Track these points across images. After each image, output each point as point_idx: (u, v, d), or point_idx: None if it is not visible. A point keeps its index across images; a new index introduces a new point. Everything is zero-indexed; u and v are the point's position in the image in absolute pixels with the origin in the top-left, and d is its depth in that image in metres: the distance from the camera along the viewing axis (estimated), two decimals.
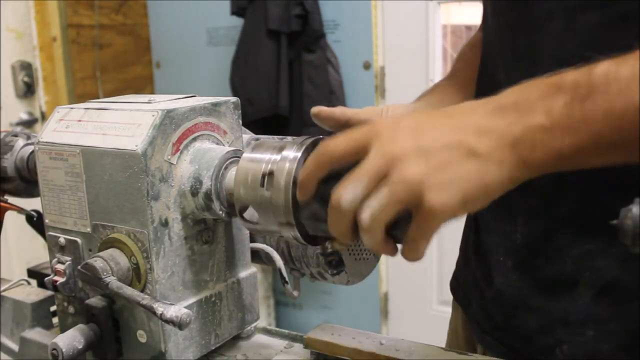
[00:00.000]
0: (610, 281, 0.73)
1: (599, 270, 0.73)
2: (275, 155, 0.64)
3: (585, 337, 0.74)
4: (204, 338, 0.74)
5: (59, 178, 0.73)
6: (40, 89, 2.62)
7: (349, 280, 0.80)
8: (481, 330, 0.87)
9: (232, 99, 0.76)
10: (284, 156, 0.63)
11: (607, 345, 0.74)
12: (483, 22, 0.90)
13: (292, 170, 0.62)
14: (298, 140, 0.65)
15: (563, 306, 0.76)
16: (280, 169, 0.62)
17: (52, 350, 0.69)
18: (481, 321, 0.87)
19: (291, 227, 0.63)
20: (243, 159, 0.67)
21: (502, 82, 0.79)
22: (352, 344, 0.73)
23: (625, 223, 0.52)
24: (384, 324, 2.65)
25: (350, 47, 2.46)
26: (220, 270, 0.77)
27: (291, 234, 0.64)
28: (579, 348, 0.75)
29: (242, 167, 0.66)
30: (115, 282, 0.66)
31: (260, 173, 0.64)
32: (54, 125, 0.75)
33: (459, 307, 0.99)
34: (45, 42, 2.60)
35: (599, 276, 0.73)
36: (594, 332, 0.74)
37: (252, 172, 0.65)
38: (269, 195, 0.63)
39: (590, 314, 0.74)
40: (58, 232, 0.75)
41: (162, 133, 0.68)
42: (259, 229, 0.67)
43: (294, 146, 0.64)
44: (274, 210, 0.63)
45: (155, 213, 0.67)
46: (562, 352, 0.76)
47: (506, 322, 0.82)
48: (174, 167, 0.69)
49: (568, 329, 0.76)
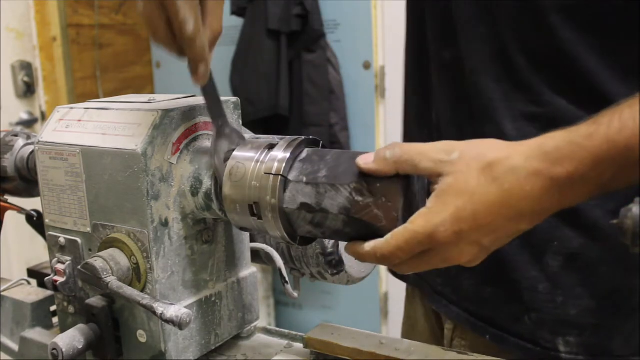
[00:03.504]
0: (577, 249, 0.78)
1: (566, 240, 0.78)
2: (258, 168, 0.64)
3: (555, 304, 0.79)
4: (204, 338, 0.74)
5: (59, 178, 0.73)
6: (40, 88, 2.62)
7: (349, 280, 0.80)
8: (448, 302, 0.89)
9: (232, 99, 0.76)
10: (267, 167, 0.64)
11: (574, 309, 0.79)
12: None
13: (275, 205, 0.62)
14: (283, 143, 0.65)
15: (533, 275, 0.80)
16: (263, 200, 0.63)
17: (52, 350, 0.69)
18: (448, 294, 0.89)
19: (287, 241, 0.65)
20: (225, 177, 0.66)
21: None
22: (352, 344, 0.73)
23: (625, 223, 0.52)
24: (384, 324, 2.65)
25: (350, 47, 2.46)
26: (220, 270, 0.77)
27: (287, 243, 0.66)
28: (547, 314, 0.80)
29: (228, 195, 0.66)
30: (115, 282, 0.66)
31: (247, 204, 0.64)
32: (54, 125, 0.75)
33: (415, 298, 1.01)
34: (45, 42, 2.60)
35: (566, 245, 0.78)
36: (563, 298, 0.79)
37: (239, 202, 0.65)
38: (262, 223, 0.64)
39: (558, 282, 0.79)
40: (58, 232, 0.75)
41: (162, 133, 0.68)
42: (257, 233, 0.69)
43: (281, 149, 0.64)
44: (270, 232, 0.65)
45: (155, 213, 0.67)
46: (530, 319, 0.81)
47: (475, 294, 0.85)
48: (174, 167, 0.69)
49: (537, 297, 0.80)
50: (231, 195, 0.65)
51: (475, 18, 0.79)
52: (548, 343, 0.80)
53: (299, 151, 0.64)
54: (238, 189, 0.64)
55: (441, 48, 0.85)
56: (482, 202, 0.57)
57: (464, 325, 0.87)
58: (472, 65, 0.80)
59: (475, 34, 0.79)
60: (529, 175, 0.56)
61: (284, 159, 0.62)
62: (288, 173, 0.63)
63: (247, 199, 0.64)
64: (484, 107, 0.79)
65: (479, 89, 0.80)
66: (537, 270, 0.80)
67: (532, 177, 0.56)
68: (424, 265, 0.60)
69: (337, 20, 2.47)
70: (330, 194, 0.60)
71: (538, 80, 0.76)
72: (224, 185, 0.66)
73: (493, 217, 0.57)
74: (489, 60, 0.79)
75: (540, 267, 0.79)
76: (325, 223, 0.61)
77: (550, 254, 0.79)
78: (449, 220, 0.56)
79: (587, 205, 0.76)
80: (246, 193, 0.64)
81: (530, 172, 0.56)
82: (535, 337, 0.80)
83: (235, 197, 0.65)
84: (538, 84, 0.76)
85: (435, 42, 0.87)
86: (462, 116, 0.83)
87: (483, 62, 0.79)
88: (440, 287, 0.90)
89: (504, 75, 0.78)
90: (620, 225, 0.53)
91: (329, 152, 0.63)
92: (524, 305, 0.81)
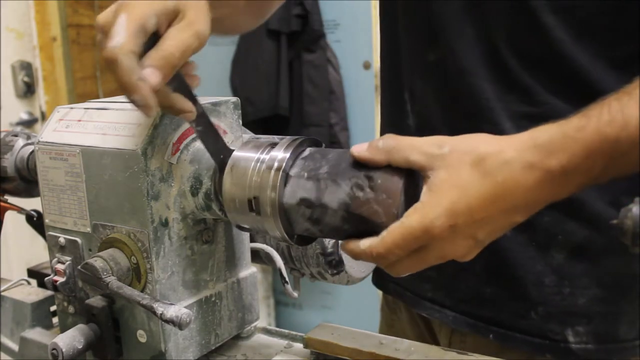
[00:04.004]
0: (582, 241, 0.78)
1: (571, 233, 0.78)
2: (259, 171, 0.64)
3: (562, 295, 0.79)
4: (204, 338, 0.74)
5: (59, 178, 0.73)
6: (40, 88, 2.62)
7: (349, 280, 0.80)
8: (441, 307, 0.89)
9: (232, 99, 0.76)
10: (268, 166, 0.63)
11: (582, 299, 0.79)
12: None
13: (274, 199, 0.62)
14: (284, 142, 0.65)
15: (538, 270, 0.80)
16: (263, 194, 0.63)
17: (52, 350, 0.69)
18: (440, 299, 0.88)
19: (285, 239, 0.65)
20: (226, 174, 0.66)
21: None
22: (352, 344, 0.73)
23: (625, 223, 0.52)
24: None
25: (350, 47, 2.46)
26: (220, 270, 0.77)
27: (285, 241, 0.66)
28: (554, 307, 0.80)
29: (227, 192, 0.66)
30: (115, 282, 0.66)
31: (246, 199, 0.64)
32: (54, 125, 0.75)
33: (399, 305, 1.00)
34: (45, 42, 2.60)
35: (570, 239, 0.78)
36: (570, 289, 0.79)
37: (238, 198, 0.65)
38: (260, 219, 0.64)
39: (565, 273, 0.79)
40: (58, 232, 0.75)
41: (162, 133, 0.68)
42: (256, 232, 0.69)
43: (281, 149, 0.64)
44: (268, 229, 0.65)
45: (155, 213, 0.67)
46: (537, 314, 0.81)
47: (474, 295, 0.85)
48: (174, 167, 0.69)
49: (543, 290, 0.80)
50: (231, 191, 0.65)
51: (462, 18, 0.79)
52: (557, 335, 0.80)
53: (301, 150, 0.65)
54: (238, 185, 0.65)
55: (424, 48, 0.84)
56: (476, 196, 0.56)
57: (462, 327, 0.86)
58: (461, 66, 0.80)
59: (463, 34, 0.79)
60: (522, 167, 0.56)
61: (286, 156, 0.63)
62: (290, 169, 0.63)
63: (246, 194, 0.64)
64: (479, 107, 0.79)
65: (472, 89, 0.79)
66: (542, 265, 0.80)
67: (526, 169, 0.56)
68: (420, 263, 0.60)
69: (337, 20, 2.47)
70: (331, 189, 0.60)
71: (532, 80, 0.76)
72: (224, 182, 0.66)
73: (487, 210, 0.57)
74: (480, 61, 0.78)
75: (545, 261, 0.80)
76: (324, 219, 0.61)
77: (554, 248, 0.79)
78: (445, 214, 0.56)
79: (589, 197, 0.77)
80: (246, 189, 0.64)
81: (524, 165, 0.56)
82: (543, 330, 0.81)
83: (234, 193, 0.65)
84: (532, 84, 0.76)
85: (416, 43, 0.86)
86: (456, 116, 0.82)
87: (473, 62, 0.79)
88: (431, 292, 0.89)
89: (496, 76, 0.78)
90: (620, 225, 0.53)
91: (331, 151, 0.64)
92: (530, 301, 0.81)
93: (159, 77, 0.58)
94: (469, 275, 0.84)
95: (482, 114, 0.79)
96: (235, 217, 0.66)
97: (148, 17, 0.59)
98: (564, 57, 0.74)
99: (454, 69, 0.80)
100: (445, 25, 0.80)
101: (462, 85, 0.80)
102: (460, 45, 0.79)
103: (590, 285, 0.79)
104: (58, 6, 2.58)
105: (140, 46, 0.58)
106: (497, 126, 0.78)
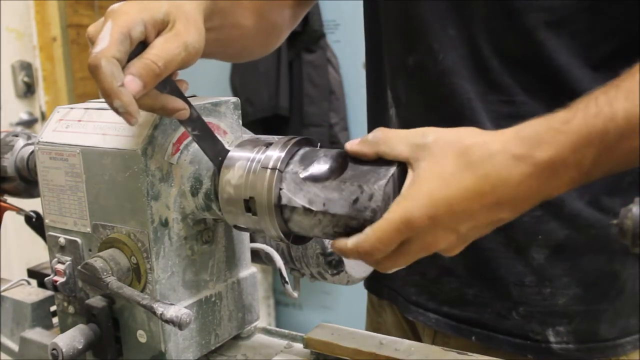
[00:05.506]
0: (562, 241, 0.78)
1: (551, 233, 0.78)
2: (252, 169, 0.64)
3: (543, 295, 0.80)
4: (204, 338, 0.74)
5: (59, 178, 0.73)
6: (40, 89, 2.62)
7: (349, 281, 0.80)
8: (424, 310, 0.88)
9: (232, 99, 0.76)
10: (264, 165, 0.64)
11: (563, 299, 0.79)
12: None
13: (270, 199, 0.62)
14: (279, 141, 0.65)
15: (518, 270, 0.80)
16: (259, 194, 0.63)
17: (52, 350, 0.69)
18: (423, 302, 0.88)
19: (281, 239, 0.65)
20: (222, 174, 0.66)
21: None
22: (352, 344, 0.73)
23: (625, 223, 0.52)
24: None
25: (350, 47, 2.46)
26: (220, 270, 0.77)
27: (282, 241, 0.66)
28: (535, 307, 0.80)
29: (224, 193, 0.66)
30: (115, 282, 0.66)
31: (242, 199, 0.64)
32: (54, 125, 0.75)
33: (384, 307, 1.00)
34: (45, 42, 2.60)
35: (550, 238, 0.78)
36: (551, 289, 0.79)
37: (234, 198, 0.65)
38: (257, 219, 0.64)
39: (545, 273, 0.79)
40: (58, 232, 0.75)
41: (162, 133, 0.68)
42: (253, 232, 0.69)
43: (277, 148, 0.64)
44: (265, 229, 0.65)
45: (155, 213, 0.67)
46: (519, 314, 0.81)
47: (456, 297, 0.85)
48: (174, 167, 0.69)
49: (524, 290, 0.80)
50: (227, 191, 0.65)
51: (445, 19, 0.78)
52: (538, 335, 0.80)
53: (296, 149, 0.65)
54: (234, 186, 0.65)
55: (406, 49, 0.84)
56: (457, 187, 0.56)
57: (445, 330, 0.86)
58: (443, 67, 0.79)
59: (446, 35, 0.79)
60: (506, 160, 0.55)
61: (281, 155, 0.63)
62: (284, 168, 0.63)
63: (242, 195, 0.64)
64: (461, 107, 0.79)
65: (454, 89, 0.79)
66: (522, 265, 0.80)
67: (510, 162, 0.55)
68: (406, 257, 0.59)
69: (337, 20, 2.47)
70: (325, 188, 0.60)
71: (511, 80, 0.76)
72: (220, 182, 0.66)
73: (468, 202, 0.56)
74: (462, 61, 0.78)
75: (525, 261, 0.80)
76: (317, 218, 0.61)
77: (534, 248, 0.79)
78: (424, 205, 0.56)
79: (569, 197, 0.76)
80: (242, 189, 0.64)
81: (508, 157, 0.55)
82: (524, 330, 0.81)
83: (230, 193, 0.65)
84: (511, 84, 0.76)
85: (398, 44, 0.85)
86: (438, 117, 0.81)
87: (455, 63, 0.79)
88: (415, 296, 0.90)
89: (477, 76, 0.78)
90: (620, 225, 0.53)
91: (326, 151, 0.65)
92: (511, 301, 0.81)
93: (140, 85, 0.57)
94: (452, 278, 0.84)
95: (464, 114, 0.79)
96: (232, 217, 0.67)
97: (134, 25, 0.59)
98: (543, 57, 0.74)
99: (435, 70, 0.80)
100: (427, 26, 0.80)
101: (444, 86, 0.80)
102: (441, 46, 0.79)
103: (571, 284, 0.79)
104: (58, 6, 2.58)
105: (124, 53, 0.58)
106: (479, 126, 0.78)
